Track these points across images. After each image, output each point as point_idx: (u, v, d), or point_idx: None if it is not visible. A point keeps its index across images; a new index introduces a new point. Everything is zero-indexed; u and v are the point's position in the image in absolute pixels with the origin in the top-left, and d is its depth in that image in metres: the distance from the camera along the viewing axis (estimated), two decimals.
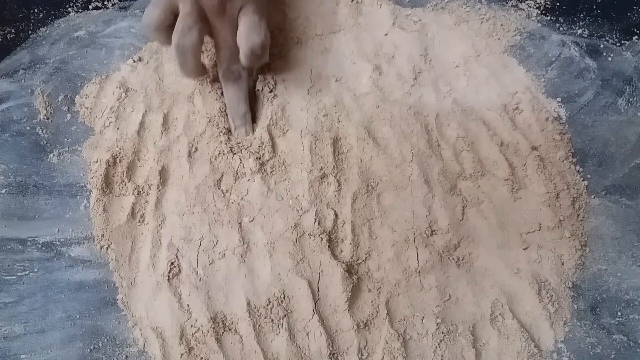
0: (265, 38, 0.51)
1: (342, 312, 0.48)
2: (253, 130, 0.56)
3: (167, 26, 0.50)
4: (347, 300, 0.48)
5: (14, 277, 0.49)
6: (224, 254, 0.50)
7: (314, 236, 0.50)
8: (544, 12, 0.63)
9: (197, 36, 0.50)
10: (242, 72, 0.55)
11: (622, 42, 0.60)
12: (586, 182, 0.54)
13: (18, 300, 0.48)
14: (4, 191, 0.52)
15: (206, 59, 0.60)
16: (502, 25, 0.62)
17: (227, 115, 0.56)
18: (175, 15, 0.51)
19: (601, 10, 0.62)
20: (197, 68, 0.53)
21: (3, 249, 0.50)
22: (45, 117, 0.57)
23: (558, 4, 0.63)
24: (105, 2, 0.65)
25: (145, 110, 0.57)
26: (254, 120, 0.57)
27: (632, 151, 0.54)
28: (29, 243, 0.51)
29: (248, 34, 0.51)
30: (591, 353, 0.47)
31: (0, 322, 0.47)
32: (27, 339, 0.47)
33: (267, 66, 0.59)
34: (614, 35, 0.61)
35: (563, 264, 0.50)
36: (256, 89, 0.58)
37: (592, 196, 0.53)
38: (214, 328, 0.47)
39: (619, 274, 0.50)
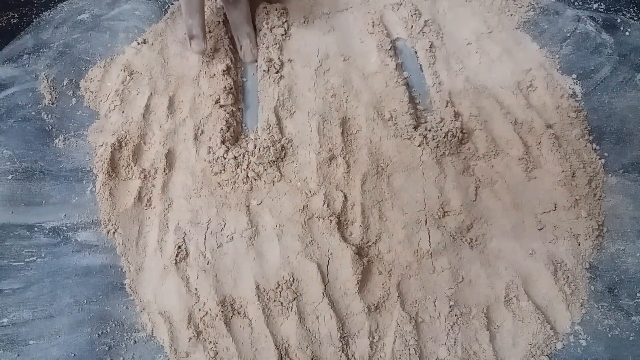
0: None
1: (353, 295, 0.47)
2: (258, 49, 0.59)
3: None
4: (358, 282, 0.47)
5: (22, 263, 0.49)
6: (232, 237, 0.49)
7: (323, 218, 0.49)
8: None
9: None
10: None
11: None
12: (603, 161, 0.52)
13: (26, 286, 0.48)
14: (10, 177, 0.52)
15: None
16: (514, 0, 0.60)
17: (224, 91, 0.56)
18: None
19: None
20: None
21: (10, 235, 0.50)
22: (50, 102, 0.56)
23: None
24: None
25: (151, 93, 0.56)
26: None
27: None
28: (36, 229, 0.50)
29: None
30: (609, 335, 0.46)
31: (8, 308, 0.47)
32: (35, 325, 0.46)
33: (274, 46, 0.58)
34: (631, 9, 0.59)
35: (579, 245, 0.49)
36: (260, 63, 0.57)
37: (610, 175, 0.52)
38: (222, 312, 0.46)
39: (638, 254, 0.48)
